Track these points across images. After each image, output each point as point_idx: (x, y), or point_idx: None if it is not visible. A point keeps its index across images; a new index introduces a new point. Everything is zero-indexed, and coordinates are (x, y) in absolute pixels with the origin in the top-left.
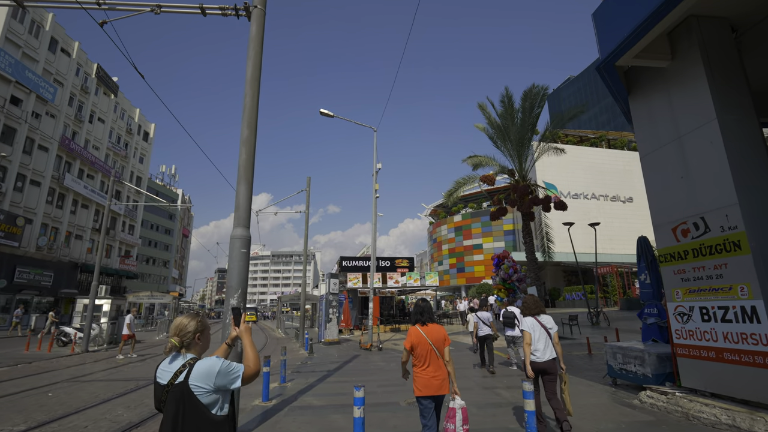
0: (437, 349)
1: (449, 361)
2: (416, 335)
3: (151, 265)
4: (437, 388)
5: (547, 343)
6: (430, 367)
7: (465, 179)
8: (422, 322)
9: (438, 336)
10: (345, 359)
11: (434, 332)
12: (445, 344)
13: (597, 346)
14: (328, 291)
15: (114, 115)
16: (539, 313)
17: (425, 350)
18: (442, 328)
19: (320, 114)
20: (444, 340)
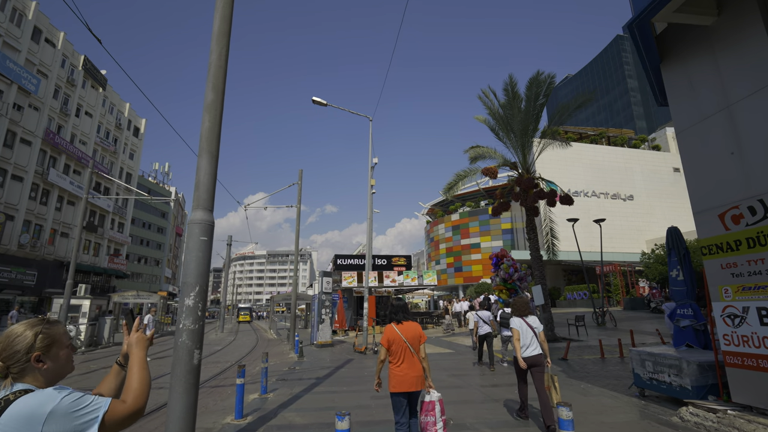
0: (412, 346)
1: (424, 358)
2: (392, 333)
3: (143, 264)
4: (410, 384)
5: (533, 340)
6: (404, 363)
7: (466, 172)
8: (398, 320)
9: (413, 333)
10: (337, 364)
11: (409, 330)
12: (421, 341)
13: (609, 349)
14: (321, 290)
15: (102, 110)
16: (526, 314)
17: (400, 347)
18: (418, 326)
19: (313, 102)
20: (419, 337)
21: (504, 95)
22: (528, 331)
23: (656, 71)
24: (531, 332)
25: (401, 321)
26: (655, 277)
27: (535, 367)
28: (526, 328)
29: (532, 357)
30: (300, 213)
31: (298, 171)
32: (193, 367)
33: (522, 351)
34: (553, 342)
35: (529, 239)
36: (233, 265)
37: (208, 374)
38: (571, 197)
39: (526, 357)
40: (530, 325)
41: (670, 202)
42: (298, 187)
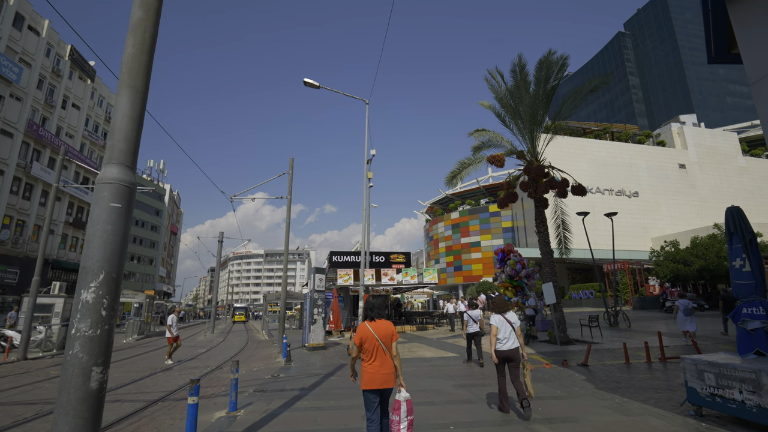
0: (384, 344)
1: (396, 356)
2: (364, 331)
3: (135, 262)
4: (381, 381)
5: (511, 335)
6: (376, 361)
7: (470, 160)
8: (370, 317)
9: (385, 331)
10: (327, 370)
11: (381, 328)
12: (393, 339)
13: (632, 353)
14: (313, 288)
15: (91, 102)
16: (505, 311)
17: (372, 345)
18: (390, 324)
19: (305, 84)
20: (391, 335)
21: (512, 77)
22: (507, 326)
23: (718, 11)
24: (509, 328)
25: (374, 319)
26: (666, 275)
27: (511, 360)
28: (504, 323)
29: (510, 350)
30: (290, 204)
31: (289, 160)
32: (89, 392)
33: (500, 345)
34: (566, 344)
35: (539, 232)
36: (230, 264)
37: (179, 383)
38: (584, 187)
39: (504, 350)
40: (509, 321)
41: (676, 199)
42: (289, 177)
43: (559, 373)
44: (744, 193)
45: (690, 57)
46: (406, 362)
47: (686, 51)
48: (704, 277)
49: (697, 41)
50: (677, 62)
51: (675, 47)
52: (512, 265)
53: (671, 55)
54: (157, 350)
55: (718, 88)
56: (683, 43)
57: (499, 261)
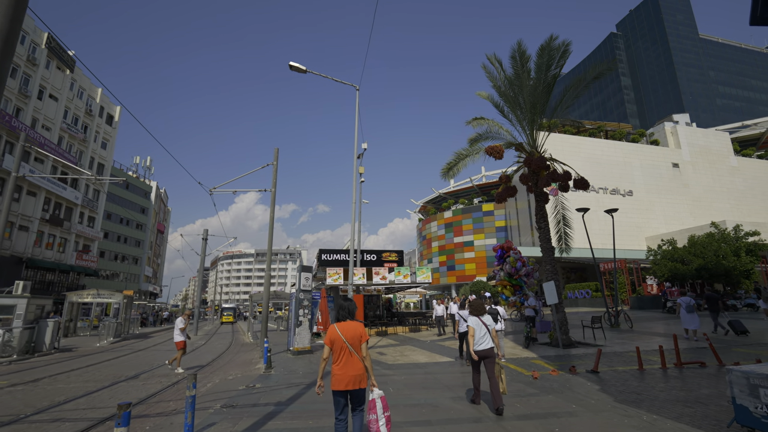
0: (351, 345)
1: (366, 357)
2: (332, 332)
3: (119, 262)
4: (348, 383)
5: (486, 336)
6: (343, 363)
7: (468, 150)
8: (340, 319)
9: (353, 333)
10: (311, 379)
11: (349, 329)
12: (361, 341)
13: (645, 357)
14: (299, 288)
15: (70, 93)
16: (482, 313)
17: (339, 347)
18: (359, 326)
19: (290, 69)
20: (360, 337)
21: (511, 65)
22: (482, 328)
23: None
24: (485, 329)
25: (342, 320)
26: (664, 274)
27: (487, 358)
28: (480, 325)
29: (486, 350)
30: (275, 197)
31: (274, 150)
32: None
33: (476, 345)
34: (568, 347)
35: (539, 228)
36: (220, 264)
37: (140, 395)
38: (587, 181)
39: (480, 350)
40: (485, 323)
41: (669, 198)
42: (274, 168)
43: (568, 382)
44: (736, 192)
45: (681, 58)
46: (398, 369)
47: (677, 52)
48: (703, 276)
49: (689, 43)
50: (668, 63)
51: (666, 49)
52: (512, 263)
53: (663, 56)
54: (130, 355)
55: (708, 90)
56: (674, 44)
57: (498, 258)
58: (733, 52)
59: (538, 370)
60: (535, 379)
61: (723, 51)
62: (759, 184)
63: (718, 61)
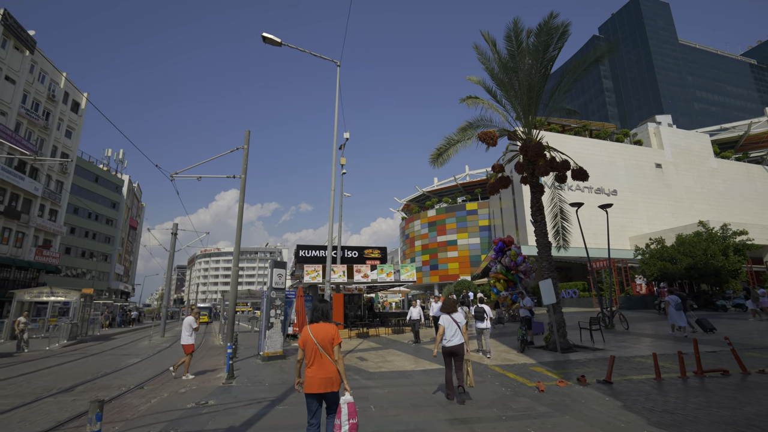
0: (323, 348)
1: (338, 360)
2: (305, 334)
3: (87, 258)
4: (319, 385)
5: (456, 333)
6: (314, 365)
7: (459, 135)
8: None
9: (325, 335)
10: (277, 393)
11: (321, 331)
12: (333, 343)
13: (667, 363)
14: (271, 285)
15: (30, 76)
16: (453, 311)
17: (311, 349)
18: (332, 327)
19: (264, 41)
20: (332, 339)
21: (506, 46)
22: (453, 325)
23: None
24: (455, 326)
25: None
26: (653, 273)
27: (457, 354)
28: (451, 322)
29: (456, 346)
30: (245, 184)
31: (245, 132)
32: None
33: (447, 342)
34: (567, 351)
35: (535, 222)
36: (198, 262)
37: (63, 416)
38: (586, 171)
39: (450, 346)
40: (455, 320)
41: (652, 198)
42: (244, 153)
43: (581, 396)
44: (716, 194)
45: (661, 62)
46: (381, 378)
47: (658, 56)
48: (692, 276)
49: (668, 47)
50: (649, 67)
51: (647, 52)
52: (513, 256)
53: (643, 60)
54: (77, 361)
55: (687, 94)
56: (655, 48)
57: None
58: (710, 58)
59: (541, 379)
60: (542, 393)
61: (700, 57)
62: (738, 186)
63: (695, 67)
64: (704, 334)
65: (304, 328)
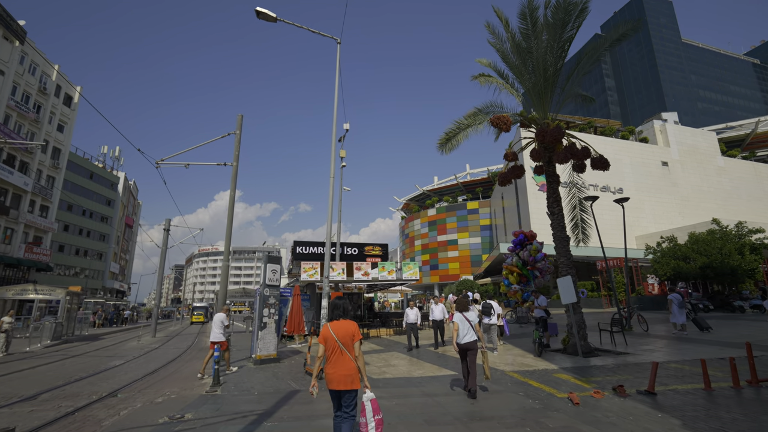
0: (343, 344)
1: (358, 357)
2: (325, 331)
3: (81, 257)
4: (339, 382)
5: (469, 330)
6: (335, 362)
7: (470, 119)
8: (333, 318)
9: (345, 332)
10: (267, 405)
11: (342, 328)
12: (354, 340)
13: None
14: (264, 282)
15: (20, 68)
16: (465, 310)
17: (331, 346)
18: (352, 324)
19: (258, 16)
20: (352, 336)
21: (520, 24)
22: (466, 323)
23: None
24: (468, 324)
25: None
26: (666, 273)
27: (470, 350)
28: (464, 320)
29: (469, 342)
30: (237, 172)
31: (237, 117)
32: None
33: (460, 338)
34: (588, 355)
35: (552, 214)
36: (195, 261)
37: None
38: (606, 159)
39: (464, 343)
40: (467, 318)
41: (658, 197)
42: (236, 138)
43: (625, 411)
44: (723, 193)
45: (664, 61)
46: (385, 387)
47: (661, 55)
48: (708, 275)
49: (671, 46)
50: (652, 66)
51: (650, 51)
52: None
53: (646, 58)
54: (55, 363)
55: (690, 93)
56: (658, 47)
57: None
58: (713, 57)
59: (570, 388)
60: (577, 406)
61: (703, 56)
62: (744, 185)
63: (699, 66)
64: (700, 333)
65: (324, 325)
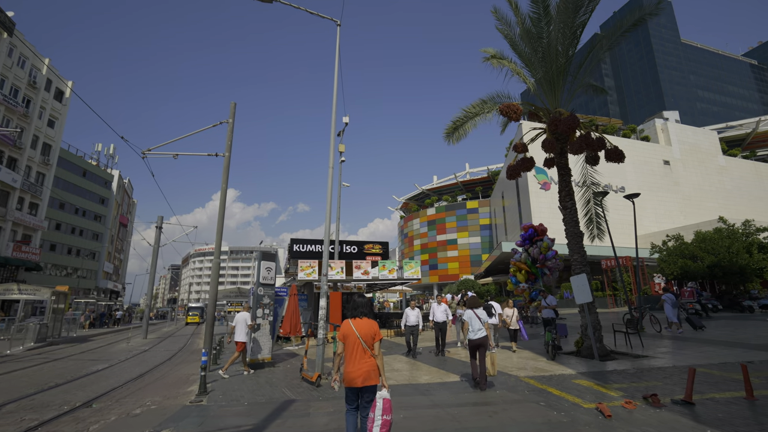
0: (365, 342)
1: (378, 355)
2: (347, 328)
3: (73, 256)
4: (361, 379)
5: (480, 327)
6: (354, 359)
7: (478, 107)
8: (355, 316)
9: (368, 330)
10: (257, 419)
11: (365, 326)
12: (375, 339)
13: (719, 372)
14: (258, 280)
15: (8, 60)
16: (477, 307)
17: (353, 343)
18: (374, 324)
19: None
20: (374, 335)
21: (531, 8)
22: (476, 320)
23: None
24: (478, 321)
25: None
26: (673, 272)
27: (481, 346)
28: (475, 318)
29: (479, 339)
30: (229, 164)
31: (230, 105)
32: None
33: (472, 335)
34: (605, 358)
35: (565, 209)
36: (192, 261)
37: None
38: (622, 152)
39: (475, 339)
40: (478, 316)
41: (660, 196)
42: (229, 127)
43: (663, 423)
44: (724, 192)
45: (663, 61)
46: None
47: (660, 55)
48: (716, 274)
49: (671, 46)
50: (651, 66)
51: (650, 51)
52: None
53: (645, 58)
54: (32, 368)
55: (689, 93)
56: (657, 47)
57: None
58: (712, 57)
59: (596, 397)
60: (609, 419)
61: (702, 56)
62: (746, 185)
63: (697, 66)
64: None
65: (345, 321)
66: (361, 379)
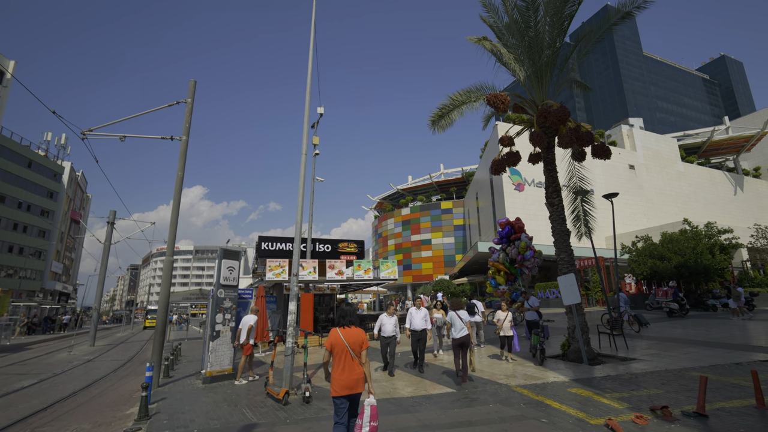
0: (353, 351)
1: (365, 363)
2: (335, 336)
3: (15, 254)
4: (350, 387)
5: (462, 327)
6: (344, 368)
7: (464, 95)
8: (343, 324)
9: (356, 339)
10: None
11: (353, 335)
12: (362, 348)
13: (734, 379)
14: (218, 282)
15: None
16: (459, 309)
17: (341, 351)
18: (362, 332)
19: None
20: (361, 343)
21: None
22: (458, 320)
23: None
24: (460, 321)
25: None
26: (643, 272)
27: (464, 344)
28: (457, 318)
29: (461, 338)
30: (186, 147)
31: (190, 83)
32: None
33: (455, 334)
34: (593, 362)
35: (551, 206)
36: (153, 261)
37: None
38: (609, 148)
39: (458, 338)
40: (460, 316)
41: (626, 199)
42: (188, 107)
43: None
44: (683, 196)
45: (627, 72)
46: None
47: (624, 65)
48: (683, 274)
49: (633, 58)
50: (616, 75)
51: (615, 61)
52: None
53: (611, 68)
54: None
55: (650, 103)
56: (622, 57)
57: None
58: (670, 70)
59: (600, 409)
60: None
61: (661, 69)
62: (702, 190)
63: (657, 78)
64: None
65: (333, 330)
66: (350, 387)
